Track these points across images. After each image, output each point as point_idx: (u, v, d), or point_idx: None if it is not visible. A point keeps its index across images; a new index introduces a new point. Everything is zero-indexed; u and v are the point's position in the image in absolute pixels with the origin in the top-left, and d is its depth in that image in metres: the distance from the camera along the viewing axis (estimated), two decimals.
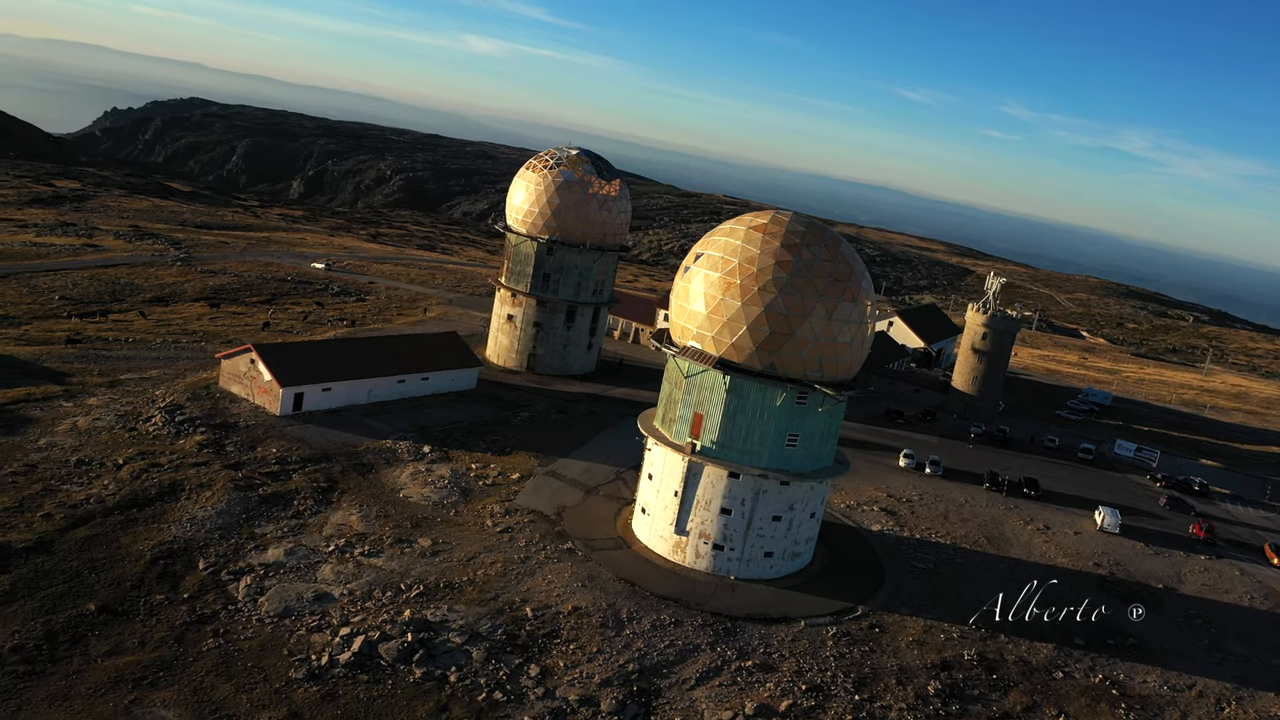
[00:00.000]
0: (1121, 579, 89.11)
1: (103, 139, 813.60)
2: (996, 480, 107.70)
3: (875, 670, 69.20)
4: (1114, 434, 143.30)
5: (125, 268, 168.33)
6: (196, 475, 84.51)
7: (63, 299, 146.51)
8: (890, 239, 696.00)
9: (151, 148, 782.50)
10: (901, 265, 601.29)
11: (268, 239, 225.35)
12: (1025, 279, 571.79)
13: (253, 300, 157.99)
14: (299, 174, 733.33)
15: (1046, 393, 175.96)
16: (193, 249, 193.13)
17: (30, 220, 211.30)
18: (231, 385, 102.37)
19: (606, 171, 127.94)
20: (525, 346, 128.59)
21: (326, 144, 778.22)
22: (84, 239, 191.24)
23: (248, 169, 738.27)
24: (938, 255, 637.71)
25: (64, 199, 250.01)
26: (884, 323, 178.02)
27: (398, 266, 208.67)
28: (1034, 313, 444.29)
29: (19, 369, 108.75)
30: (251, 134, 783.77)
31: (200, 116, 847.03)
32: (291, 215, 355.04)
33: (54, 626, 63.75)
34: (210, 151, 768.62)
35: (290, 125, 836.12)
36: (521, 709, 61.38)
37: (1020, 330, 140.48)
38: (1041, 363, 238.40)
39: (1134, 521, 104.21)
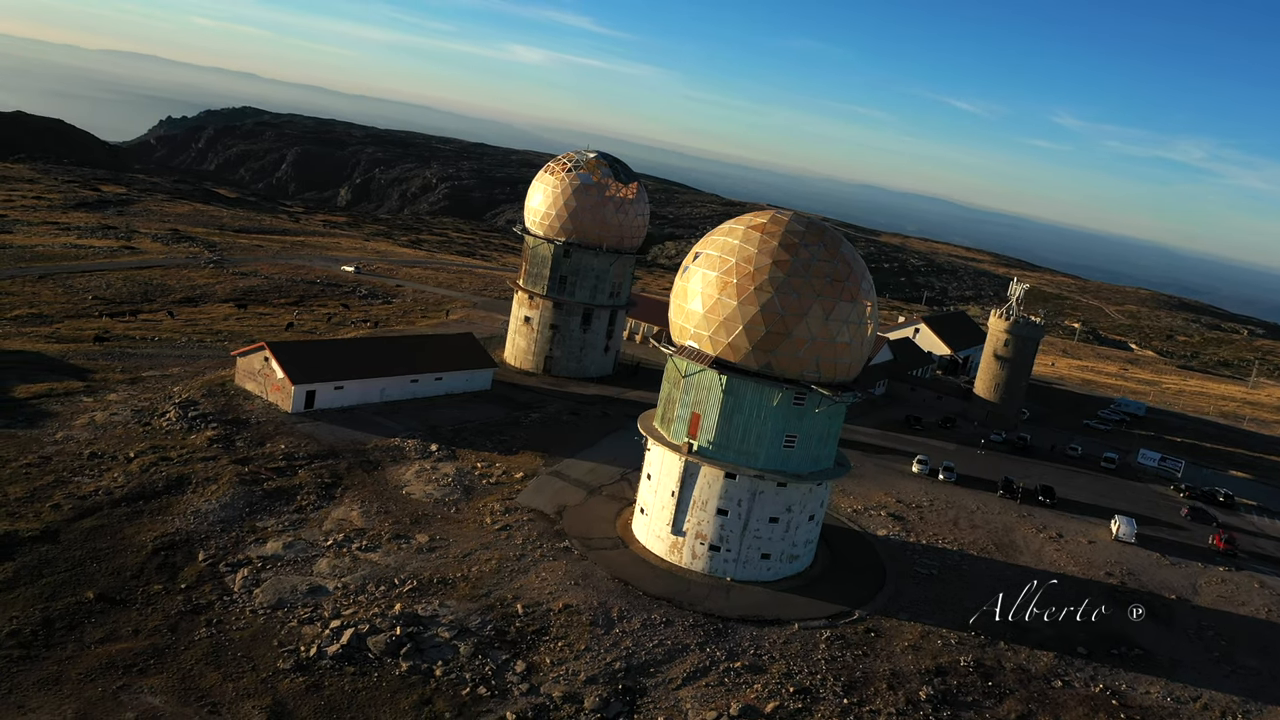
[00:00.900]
0: (1133, 589, 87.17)
1: (157, 147, 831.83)
2: (1011, 487, 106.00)
3: (867, 674, 68.34)
4: (1144, 444, 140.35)
5: (159, 269, 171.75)
6: (204, 469, 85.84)
7: (95, 299, 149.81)
8: (936, 249, 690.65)
9: (204, 155, 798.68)
10: (947, 275, 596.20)
11: (302, 243, 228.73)
12: (1073, 290, 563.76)
13: (281, 302, 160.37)
14: (346, 181, 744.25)
15: (1078, 402, 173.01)
16: (227, 252, 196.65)
17: (74, 223, 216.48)
18: (246, 383, 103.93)
19: (624, 174, 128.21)
20: (542, 349, 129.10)
21: (374, 152, 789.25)
22: (122, 241, 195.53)
23: (297, 176, 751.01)
24: (984, 266, 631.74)
25: (108, 203, 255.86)
26: (910, 330, 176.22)
27: (427, 270, 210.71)
28: (1079, 324, 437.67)
29: (45, 365, 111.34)
30: (301, 142, 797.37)
31: (251, 125, 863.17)
32: (334, 222, 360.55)
33: (52, 613, 64.97)
34: (261, 159, 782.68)
35: (339, 134, 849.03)
36: (505, 704, 61.43)
37: (1044, 337, 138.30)
38: (1079, 373, 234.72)
39: (1152, 531, 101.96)
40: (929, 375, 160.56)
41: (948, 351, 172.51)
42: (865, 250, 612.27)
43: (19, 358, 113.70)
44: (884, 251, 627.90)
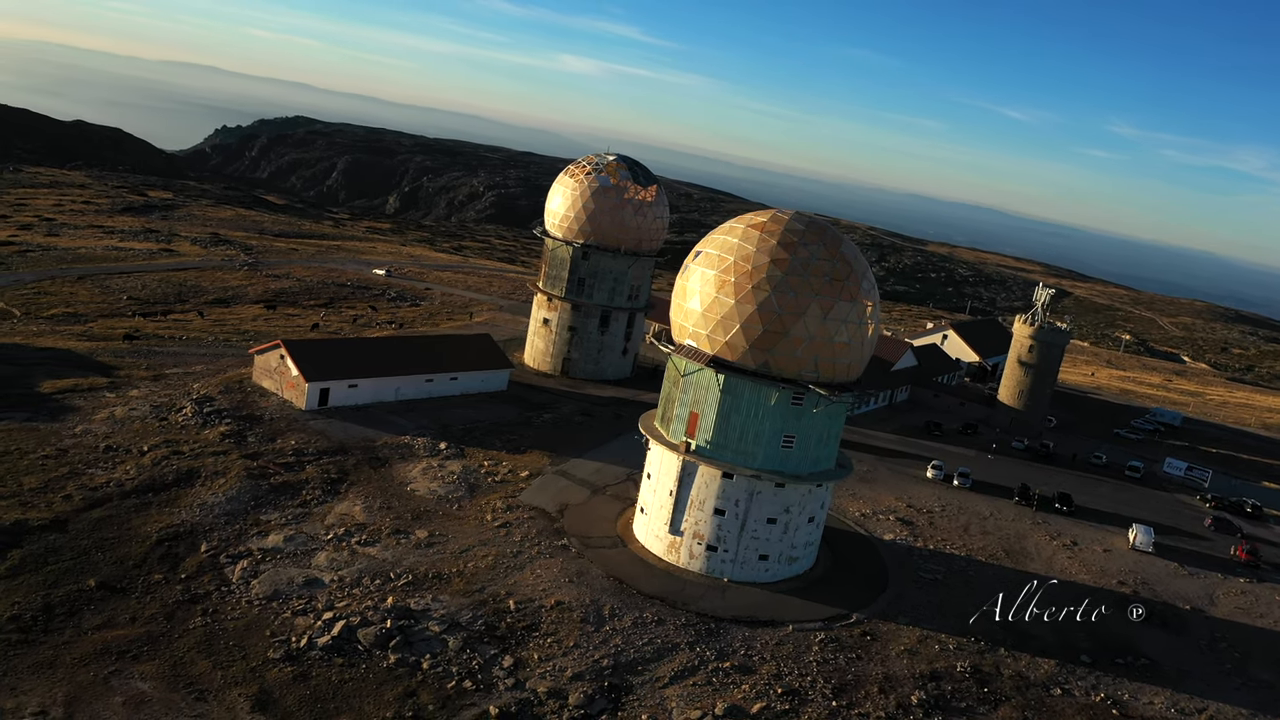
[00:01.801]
0: (1146, 598, 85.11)
1: (212, 155, 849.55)
2: (1027, 494, 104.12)
3: (858, 677, 67.51)
4: (1178, 455, 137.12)
5: (194, 271, 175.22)
6: (214, 463, 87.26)
7: (130, 299, 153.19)
8: (985, 259, 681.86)
9: (257, 164, 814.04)
10: (995, 286, 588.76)
11: (338, 247, 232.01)
12: (1126, 301, 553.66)
13: (310, 303, 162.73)
14: (395, 190, 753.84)
15: (1112, 411, 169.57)
16: (262, 255, 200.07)
17: (118, 227, 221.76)
18: (263, 380, 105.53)
19: (643, 177, 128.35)
20: (560, 350, 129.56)
21: (422, 161, 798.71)
22: (162, 244, 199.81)
23: (347, 184, 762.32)
24: (1034, 276, 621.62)
25: (154, 208, 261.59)
26: (938, 336, 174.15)
27: (457, 274, 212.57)
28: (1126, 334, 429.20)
29: (73, 362, 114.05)
30: (351, 151, 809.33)
31: (304, 134, 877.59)
32: (378, 228, 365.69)
33: (53, 599, 66.46)
34: (312, 167, 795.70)
35: (388, 143, 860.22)
36: (489, 698, 61.61)
37: (1069, 343, 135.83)
38: (1118, 383, 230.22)
39: (1172, 541, 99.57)
40: (956, 382, 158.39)
41: (976, 358, 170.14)
42: (912, 260, 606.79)
43: (50, 354, 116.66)
44: (931, 261, 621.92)
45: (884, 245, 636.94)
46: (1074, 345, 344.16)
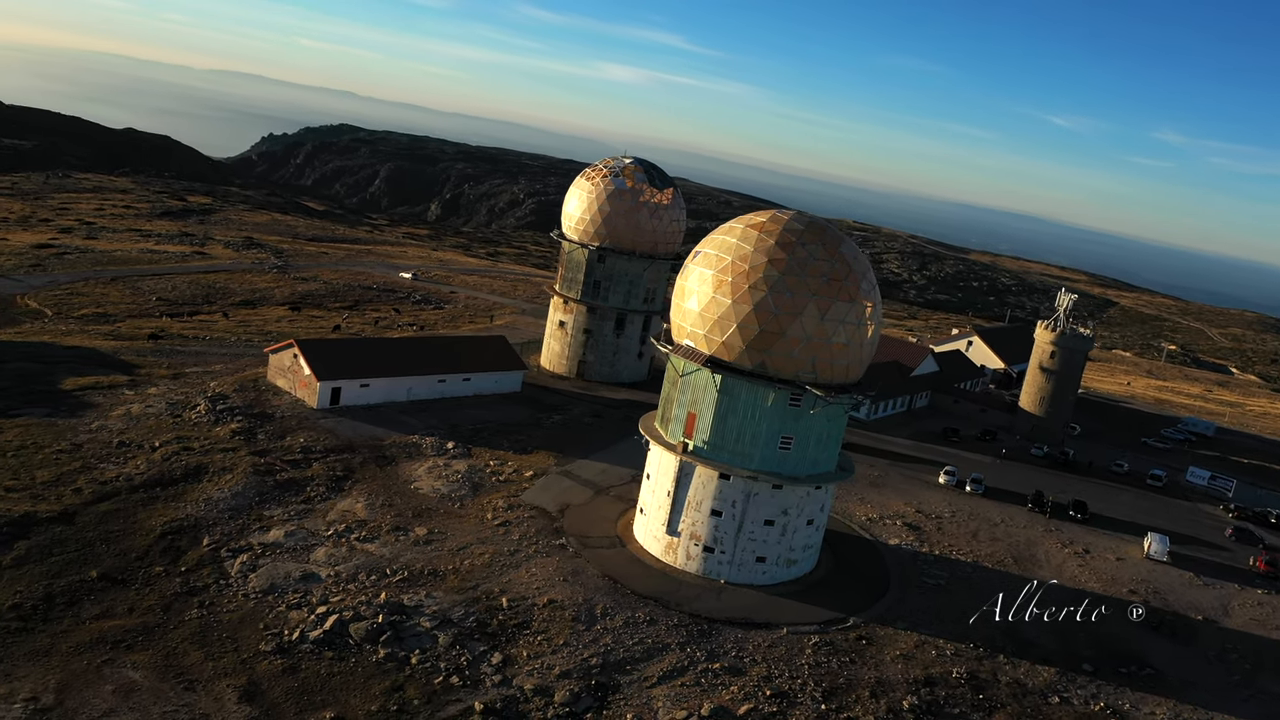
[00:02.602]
0: (1156, 608, 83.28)
1: (258, 162, 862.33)
2: (1041, 501, 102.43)
3: (850, 681, 66.75)
4: (1209, 465, 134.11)
5: (224, 274, 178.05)
6: (222, 460, 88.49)
7: (159, 300, 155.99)
8: (1028, 268, 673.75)
9: (302, 171, 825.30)
10: (1038, 295, 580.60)
11: (368, 251, 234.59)
12: (1173, 312, 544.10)
13: (335, 305, 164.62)
14: (437, 197, 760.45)
15: (1143, 420, 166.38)
16: (293, 258, 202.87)
17: (156, 230, 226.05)
18: (278, 379, 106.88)
19: (659, 180, 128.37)
20: (575, 353, 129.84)
21: (464, 168, 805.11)
22: (195, 247, 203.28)
23: (389, 191, 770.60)
24: (1079, 285, 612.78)
25: (192, 212, 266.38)
26: (963, 342, 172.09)
27: (483, 278, 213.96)
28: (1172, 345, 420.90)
29: (97, 360, 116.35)
30: (394, 158, 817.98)
31: (348, 142, 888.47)
32: (416, 234, 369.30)
33: (54, 589, 67.73)
34: (355, 175, 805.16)
35: (431, 150, 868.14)
36: (475, 694, 61.77)
37: (1091, 349, 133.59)
38: (1154, 392, 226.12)
39: (1190, 551, 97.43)
40: (980, 388, 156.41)
41: (1002, 365, 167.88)
42: (954, 268, 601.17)
43: (75, 353, 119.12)
44: (973, 270, 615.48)
45: (925, 254, 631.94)
46: (1115, 355, 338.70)
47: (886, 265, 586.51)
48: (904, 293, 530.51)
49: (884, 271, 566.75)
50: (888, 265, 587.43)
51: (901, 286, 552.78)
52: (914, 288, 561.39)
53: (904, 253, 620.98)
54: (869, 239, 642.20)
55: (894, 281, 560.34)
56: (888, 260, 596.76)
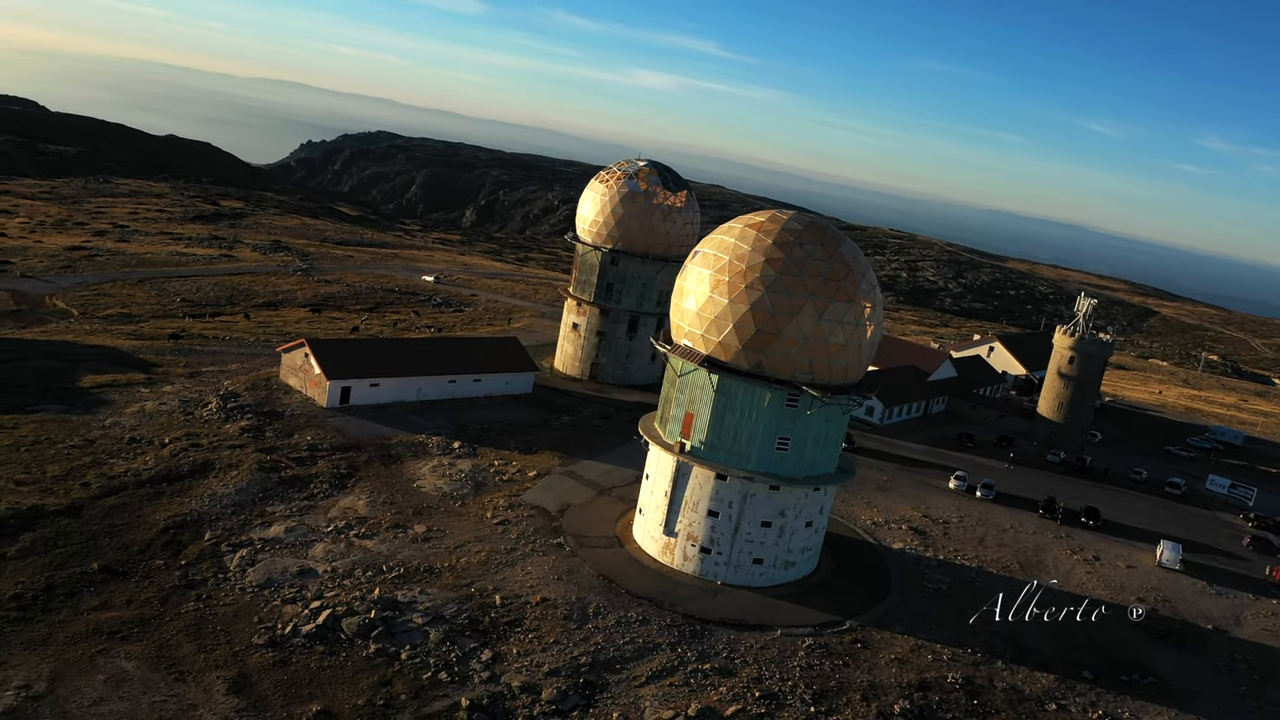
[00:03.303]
0: (1164, 616, 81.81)
1: (297, 169, 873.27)
2: (1052, 507, 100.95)
3: (841, 684, 66.10)
4: (1235, 473, 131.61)
5: (249, 276, 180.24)
6: (229, 456, 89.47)
7: (183, 301, 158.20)
8: (1066, 276, 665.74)
9: (339, 177, 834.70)
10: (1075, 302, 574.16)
11: (394, 255, 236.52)
12: (1215, 321, 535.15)
13: (356, 308, 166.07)
14: (472, 203, 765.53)
15: (1169, 429, 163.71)
16: (318, 261, 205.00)
17: (187, 233, 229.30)
18: (289, 378, 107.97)
19: (673, 183, 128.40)
20: (588, 355, 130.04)
21: (499, 175, 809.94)
22: (223, 250, 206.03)
23: (425, 198, 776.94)
24: (1118, 294, 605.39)
25: (223, 216, 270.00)
26: (984, 348, 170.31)
27: (505, 282, 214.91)
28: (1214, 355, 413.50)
29: (116, 358, 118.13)
30: (430, 165, 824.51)
31: (385, 148, 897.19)
32: (449, 239, 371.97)
33: (56, 581, 68.66)
34: (392, 181, 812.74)
35: (466, 157, 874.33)
36: (462, 690, 61.87)
37: (1112, 355, 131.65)
38: (1186, 401, 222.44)
39: (1204, 560, 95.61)
40: (1000, 394, 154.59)
41: (1023, 371, 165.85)
42: (990, 277, 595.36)
43: (97, 351, 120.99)
44: (1009, 278, 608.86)
45: (961, 262, 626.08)
46: (1152, 364, 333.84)
47: (922, 273, 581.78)
48: (939, 301, 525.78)
49: (919, 280, 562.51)
50: (923, 273, 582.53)
51: (937, 294, 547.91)
52: (949, 296, 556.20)
53: (940, 261, 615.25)
54: (904, 246, 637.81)
55: (929, 289, 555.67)
56: (923, 268, 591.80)
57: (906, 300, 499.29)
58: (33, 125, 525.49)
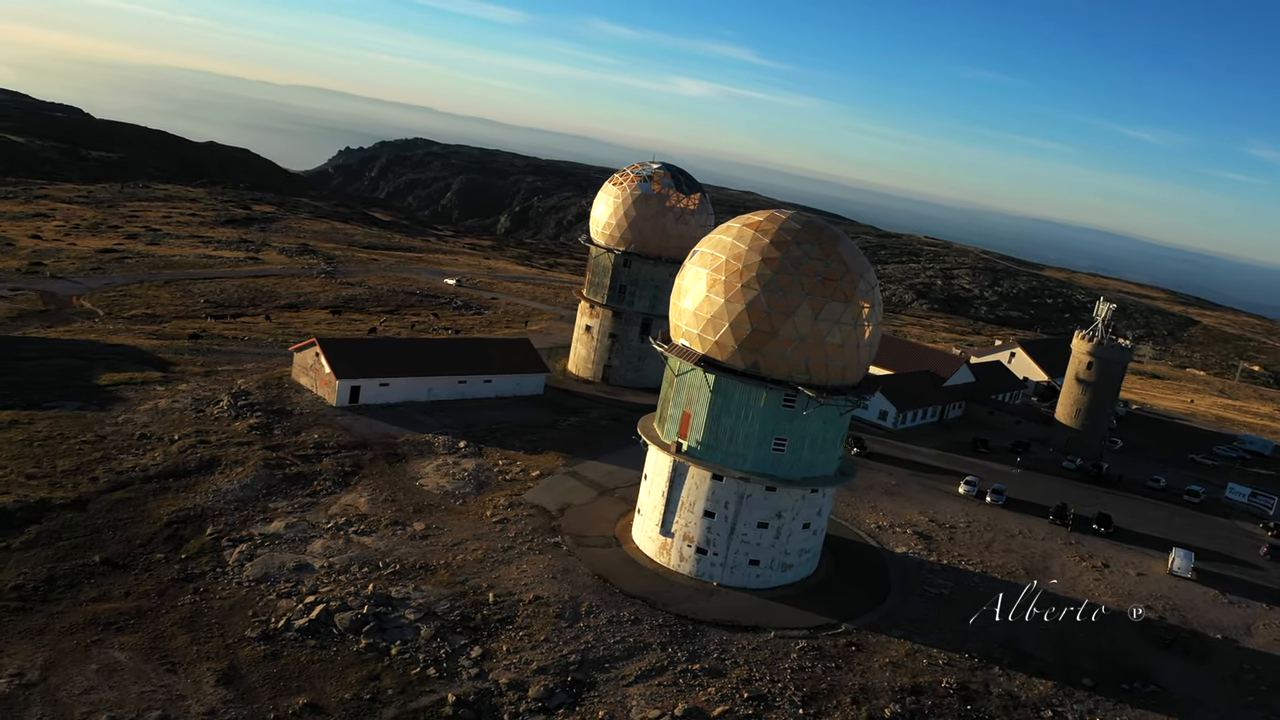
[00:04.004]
0: (1172, 624, 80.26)
1: (334, 175, 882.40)
2: (1063, 514, 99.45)
3: (832, 687, 65.51)
4: (1259, 482, 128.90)
5: (274, 278, 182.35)
6: (236, 453, 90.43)
7: (206, 302, 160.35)
8: (1105, 285, 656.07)
9: (376, 184, 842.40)
10: (1115, 313, 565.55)
11: (419, 258, 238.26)
12: (1259, 331, 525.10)
13: (377, 310, 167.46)
14: (506, 209, 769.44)
15: (1197, 437, 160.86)
16: (342, 264, 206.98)
17: (216, 237, 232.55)
18: (301, 377, 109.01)
19: (686, 185, 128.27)
20: (601, 357, 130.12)
21: (533, 181, 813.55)
22: (250, 253, 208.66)
23: (460, 204, 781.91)
24: (1158, 303, 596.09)
25: (254, 220, 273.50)
26: (1005, 353, 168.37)
27: (527, 285, 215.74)
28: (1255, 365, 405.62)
29: (136, 357, 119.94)
30: (466, 171, 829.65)
31: (421, 155, 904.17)
32: (480, 244, 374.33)
33: (57, 572, 69.76)
34: (428, 187, 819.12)
35: (501, 164, 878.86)
36: (450, 686, 62.07)
37: (1130, 360, 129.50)
38: (1219, 410, 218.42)
39: (1219, 568, 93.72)
40: (1021, 400, 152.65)
41: (1044, 377, 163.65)
42: (1027, 285, 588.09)
43: (117, 350, 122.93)
44: (1047, 286, 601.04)
45: (997, 269, 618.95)
46: (1189, 374, 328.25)
47: (957, 281, 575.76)
48: (974, 309, 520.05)
49: (954, 288, 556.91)
50: (958, 281, 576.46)
51: (972, 303, 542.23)
52: (985, 304, 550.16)
53: (975, 268, 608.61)
54: (939, 254, 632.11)
55: (964, 297, 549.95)
56: (958, 276, 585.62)
57: (941, 308, 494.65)
58: (77, 132, 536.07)
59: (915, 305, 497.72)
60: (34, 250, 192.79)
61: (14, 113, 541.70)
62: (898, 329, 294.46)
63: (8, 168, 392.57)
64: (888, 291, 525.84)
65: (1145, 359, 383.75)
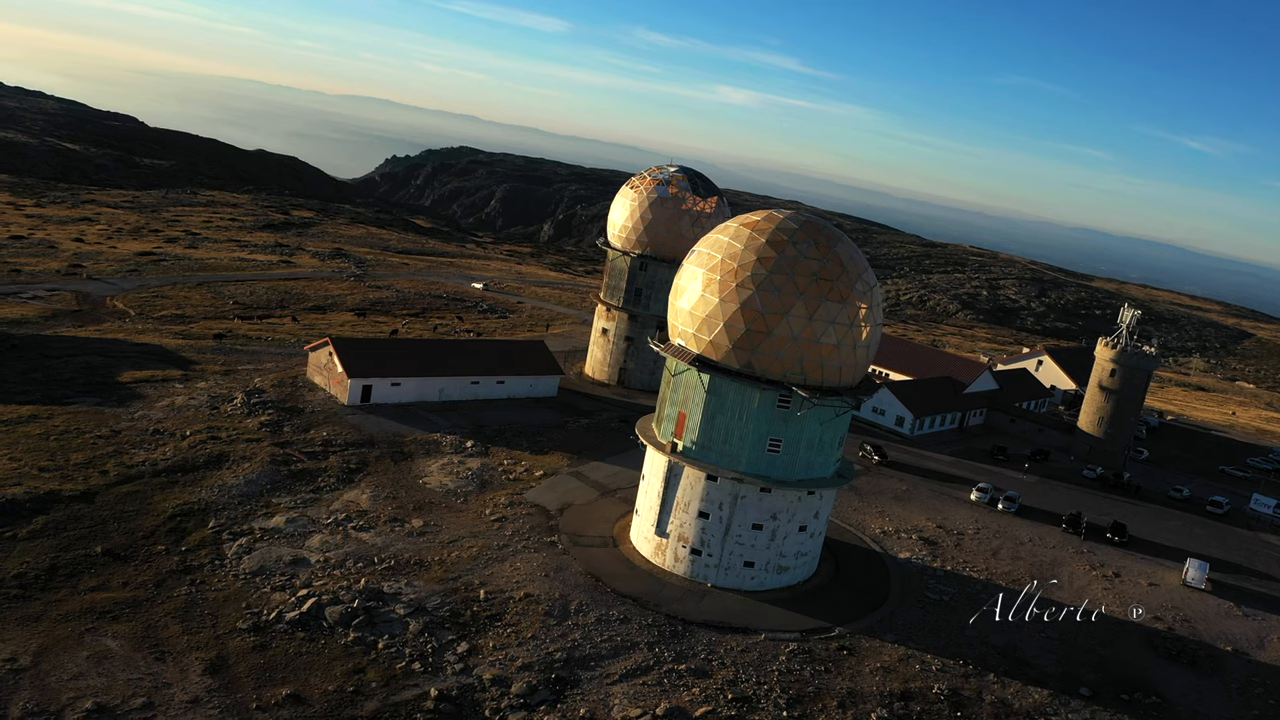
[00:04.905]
0: (1181, 635, 78.24)
1: (381, 183, 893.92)
2: (1076, 522, 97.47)
3: (819, 691, 64.72)
4: None
5: (303, 281, 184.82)
6: (245, 449, 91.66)
7: (235, 303, 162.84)
8: (1156, 296, 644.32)
9: (422, 191, 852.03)
10: (1166, 325, 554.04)
11: (449, 264, 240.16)
12: None
13: (402, 312, 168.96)
14: (549, 217, 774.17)
15: (1233, 448, 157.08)
16: (373, 268, 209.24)
17: (254, 241, 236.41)
18: (315, 376, 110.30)
19: (703, 189, 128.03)
20: (616, 360, 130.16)
21: (577, 189, 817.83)
22: (283, 257, 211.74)
23: (504, 212, 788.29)
24: (1211, 316, 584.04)
25: (292, 225, 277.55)
26: (1032, 362, 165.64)
27: (554, 290, 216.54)
28: None
29: (159, 355, 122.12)
30: (510, 179, 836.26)
31: (466, 163, 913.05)
32: (520, 252, 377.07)
33: (60, 562, 71.07)
34: (472, 195, 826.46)
35: (545, 172, 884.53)
36: (433, 680, 62.26)
37: (1156, 368, 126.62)
38: (1262, 423, 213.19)
39: (1236, 580, 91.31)
40: (1047, 409, 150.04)
41: (1073, 386, 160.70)
42: (1075, 296, 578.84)
43: (142, 349, 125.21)
44: (1095, 298, 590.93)
45: (1045, 280, 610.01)
46: (1237, 386, 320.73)
47: (1003, 292, 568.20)
48: (1021, 319, 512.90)
49: (1001, 298, 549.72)
50: (1004, 292, 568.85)
51: (1019, 313, 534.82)
52: (1031, 315, 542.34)
53: (1022, 279, 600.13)
54: (985, 264, 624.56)
55: (1010, 308, 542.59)
56: (1005, 286, 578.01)
57: (987, 319, 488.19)
58: (132, 140, 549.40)
59: (960, 315, 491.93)
60: (75, 253, 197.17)
61: (70, 121, 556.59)
62: (937, 338, 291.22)
63: (61, 175, 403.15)
64: (931, 301, 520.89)
65: (1193, 371, 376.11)
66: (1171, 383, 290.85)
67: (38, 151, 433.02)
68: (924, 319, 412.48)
